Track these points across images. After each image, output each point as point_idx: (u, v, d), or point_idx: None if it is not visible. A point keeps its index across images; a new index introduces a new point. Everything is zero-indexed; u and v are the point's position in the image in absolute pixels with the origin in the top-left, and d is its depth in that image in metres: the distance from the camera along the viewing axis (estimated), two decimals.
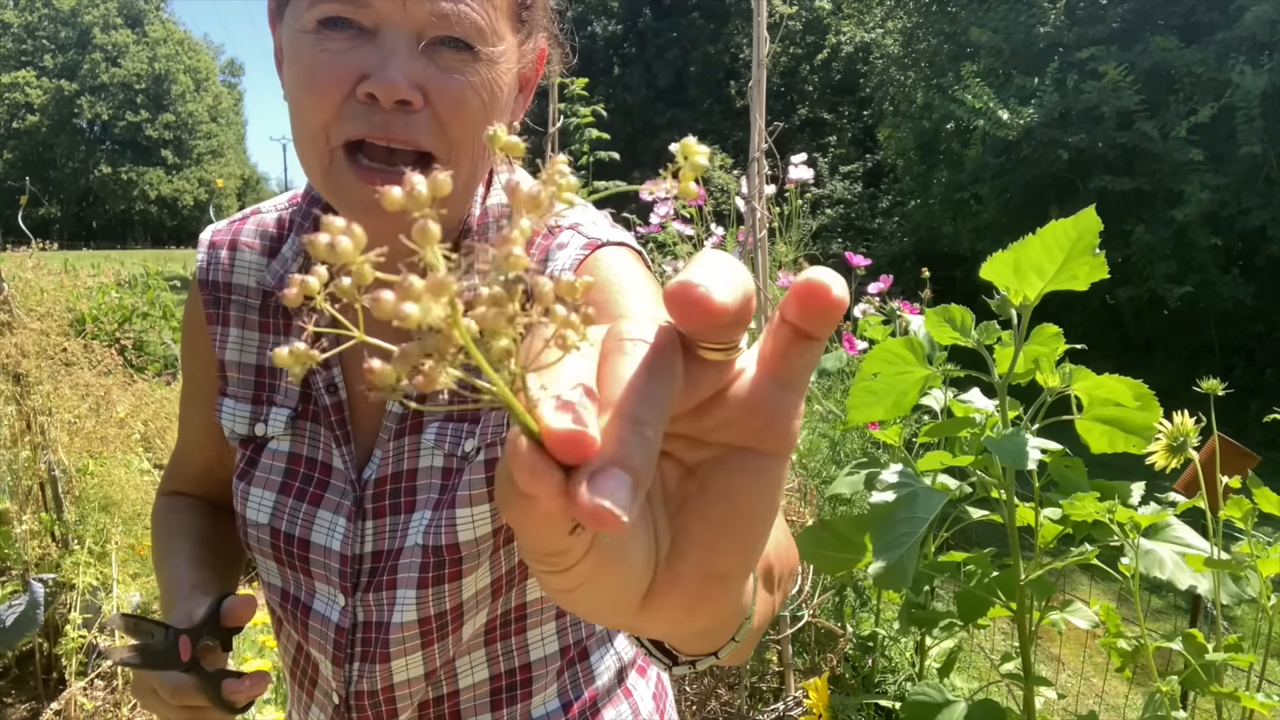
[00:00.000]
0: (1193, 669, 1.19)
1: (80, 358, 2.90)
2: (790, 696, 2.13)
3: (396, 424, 0.77)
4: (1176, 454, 1.21)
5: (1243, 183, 8.37)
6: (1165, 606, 3.65)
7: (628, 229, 3.33)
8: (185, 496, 0.96)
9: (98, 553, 2.63)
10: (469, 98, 0.67)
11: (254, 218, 0.87)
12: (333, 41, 0.65)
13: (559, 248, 0.76)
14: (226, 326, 0.84)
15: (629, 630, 0.31)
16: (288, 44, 0.69)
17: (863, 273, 2.70)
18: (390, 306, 0.22)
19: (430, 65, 0.66)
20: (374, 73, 0.64)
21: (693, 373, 0.27)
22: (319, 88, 0.65)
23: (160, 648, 0.74)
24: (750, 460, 0.28)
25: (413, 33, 0.65)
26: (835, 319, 0.27)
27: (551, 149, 2.86)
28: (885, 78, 14.15)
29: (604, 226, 0.78)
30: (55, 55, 47.89)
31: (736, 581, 0.29)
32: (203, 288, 0.85)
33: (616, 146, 3.75)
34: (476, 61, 0.67)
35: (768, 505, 0.29)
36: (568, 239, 0.76)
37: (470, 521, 0.74)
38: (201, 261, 0.86)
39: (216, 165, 54.57)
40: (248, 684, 0.75)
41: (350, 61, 0.65)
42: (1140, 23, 9.71)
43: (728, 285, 0.25)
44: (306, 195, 0.84)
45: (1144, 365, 9.15)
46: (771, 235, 2.46)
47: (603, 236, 0.75)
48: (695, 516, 0.29)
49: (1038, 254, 0.94)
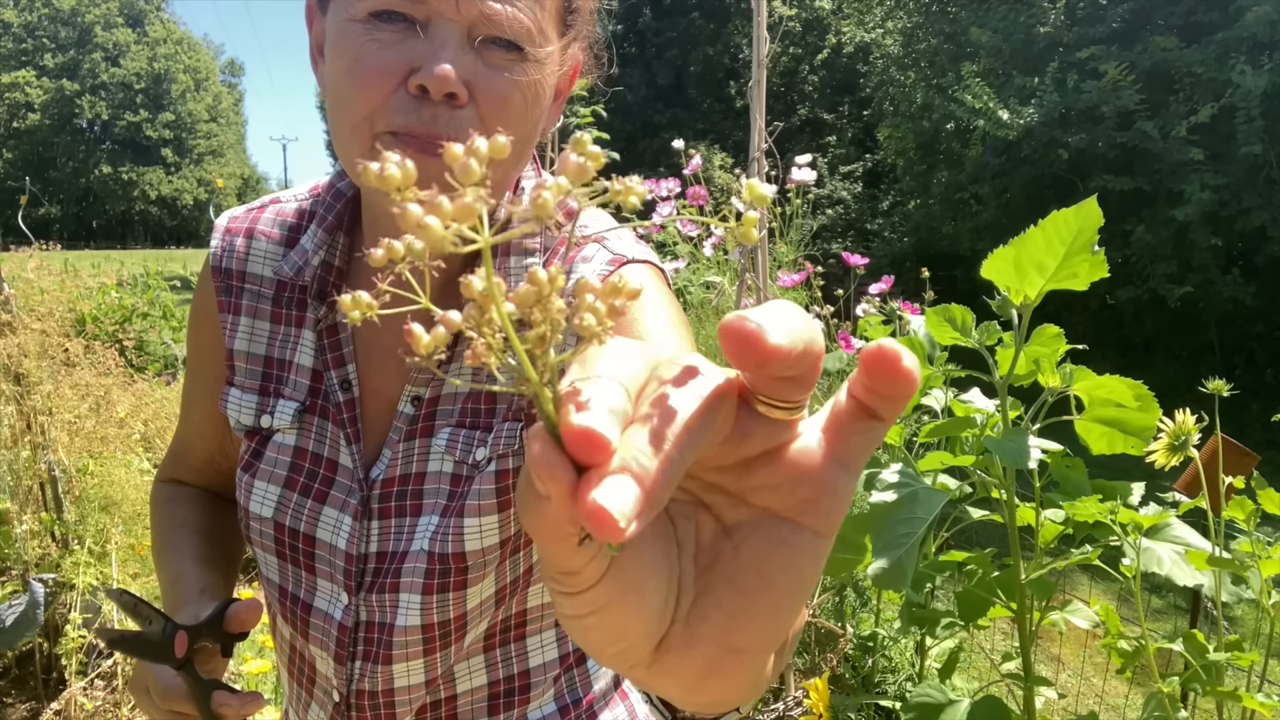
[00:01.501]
0: (1193, 669, 1.19)
1: (81, 358, 2.90)
2: (790, 696, 2.13)
3: (408, 425, 0.76)
4: (1177, 453, 1.21)
5: (1243, 183, 8.36)
6: (1166, 607, 3.65)
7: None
8: (185, 486, 0.95)
9: (98, 553, 2.63)
10: (514, 97, 0.67)
11: (273, 206, 0.85)
12: (383, 33, 0.65)
13: (583, 261, 0.75)
14: (237, 315, 0.83)
15: (639, 684, 0.30)
16: (334, 34, 0.68)
17: (862, 273, 2.70)
18: (414, 218, 0.22)
19: (479, 62, 0.66)
20: (425, 65, 0.64)
21: (745, 424, 0.27)
22: (367, 78, 0.65)
23: (155, 638, 0.72)
24: (790, 532, 0.27)
25: (463, 29, 0.65)
26: (904, 395, 0.26)
27: (551, 149, 2.86)
28: (885, 78, 14.15)
29: (629, 242, 0.78)
30: (55, 55, 47.90)
31: (755, 656, 0.28)
32: (215, 274, 0.84)
33: (616, 146, 3.75)
34: (524, 62, 0.67)
35: (799, 583, 0.27)
36: (592, 253, 0.76)
37: (478, 531, 0.74)
38: (216, 248, 0.85)
39: (216, 165, 54.60)
40: (238, 702, 0.74)
41: (400, 53, 0.65)
42: (1140, 23, 9.71)
43: (786, 331, 0.24)
44: (330, 187, 0.82)
45: (1144, 365, 9.16)
46: (771, 235, 2.46)
47: (628, 253, 0.75)
48: (723, 579, 0.28)
49: (1039, 249, 0.94)
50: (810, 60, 20.29)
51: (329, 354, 0.78)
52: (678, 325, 0.72)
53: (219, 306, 0.84)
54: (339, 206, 0.80)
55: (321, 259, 0.78)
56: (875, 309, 2.47)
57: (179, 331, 6.15)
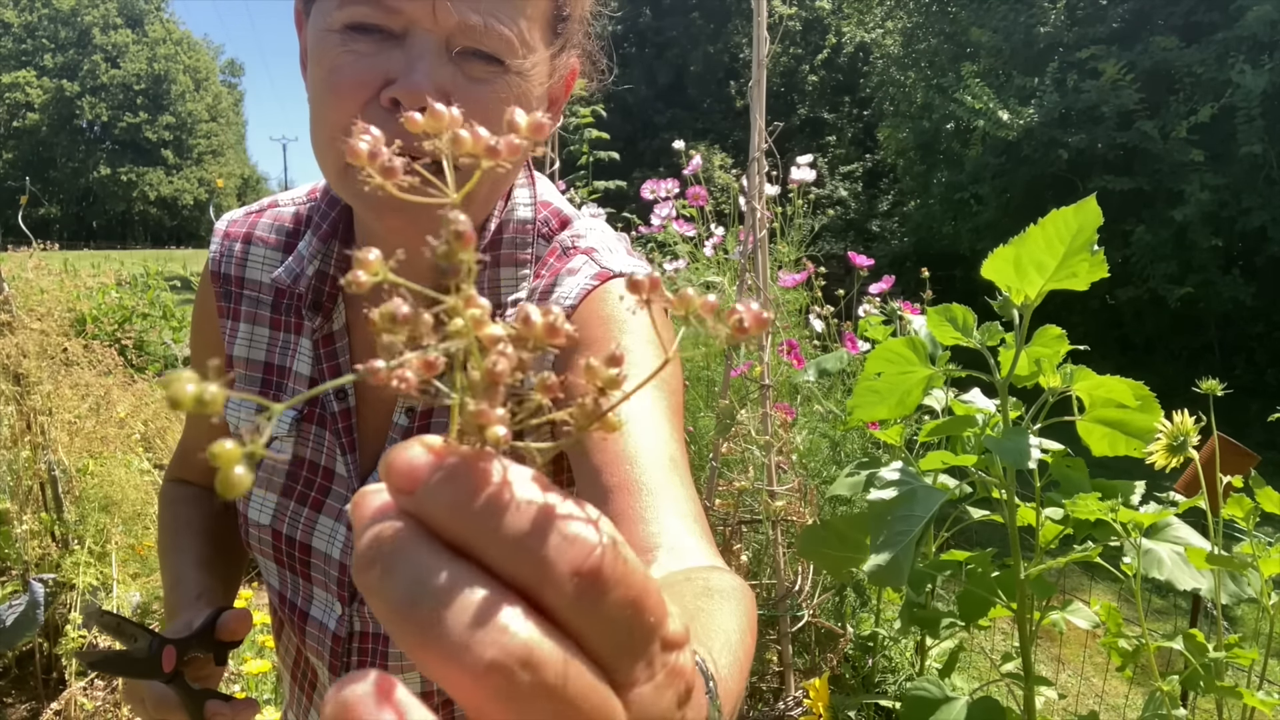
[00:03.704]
0: (1193, 668, 1.19)
1: (80, 358, 2.90)
2: (790, 696, 2.13)
3: (402, 435, 0.76)
4: (1177, 453, 1.21)
5: (1243, 183, 8.36)
6: (1166, 606, 3.65)
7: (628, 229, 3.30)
8: (193, 486, 0.95)
9: (98, 553, 2.63)
10: (495, 111, 0.65)
11: (271, 211, 0.85)
12: (360, 44, 0.63)
13: (569, 273, 0.74)
14: (237, 321, 0.83)
15: None
16: (313, 44, 0.67)
17: (864, 273, 2.70)
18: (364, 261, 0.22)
19: (458, 73, 0.64)
20: (400, 77, 0.62)
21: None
22: (342, 90, 0.63)
23: (142, 655, 0.71)
24: None
25: (441, 39, 0.63)
26: None
27: (551, 148, 2.86)
28: (885, 78, 14.14)
29: (620, 255, 0.76)
30: (55, 55, 47.89)
31: None
32: (215, 279, 0.84)
33: (616, 146, 3.75)
34: (506, 74, 0.65)
35: None
36: (579, 264, 0.74)
37: None
38: (215, 252, 0.84)
39: (216, 165, 54.57)
40: (231, 711, 0.73)
41: (376, 65, 0.63)
42: (1140, 23, 9.71)
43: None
44: (325, 192, 0.82)
45: (1144, 365, 9.15)
46: (772, 235, 2.46)
47: (614, 267, 0.73)
48: None
49: (1039, 248, 0.94)
50: (810, 60, 20.28)
51: (325, 363, 0.78)
52: (659, 344, 0.69)
53: (219, 311, 0.84)
54: (334, 215, 0.79)
55: (316, 268, 0.77)
56: (876, 309, 2.47)
57: (179, 331, 6.15)
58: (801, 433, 2.24)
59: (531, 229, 0.77)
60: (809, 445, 2.29)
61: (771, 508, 2.11)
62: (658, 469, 0.60)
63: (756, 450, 2.13)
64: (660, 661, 0.23)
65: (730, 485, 2.12)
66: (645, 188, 2.88)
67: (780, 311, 2.46)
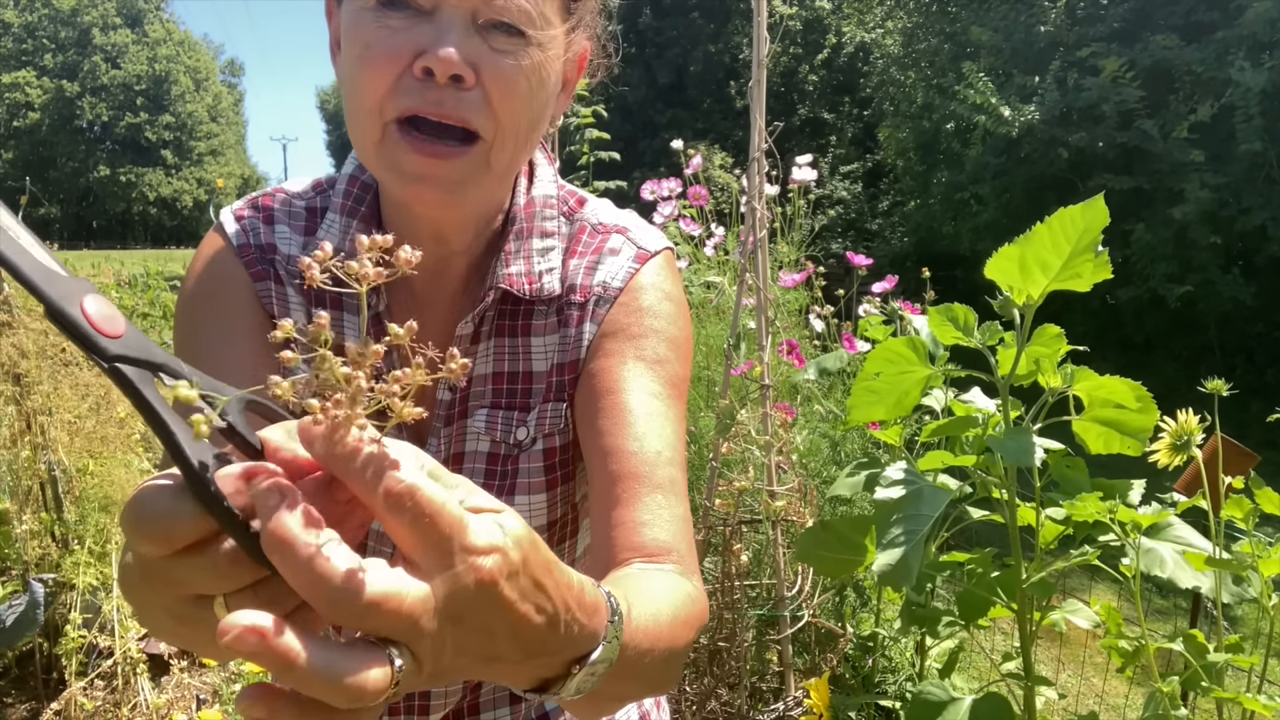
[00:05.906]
0: (1194, 669, 1.18)
1: (80, 357, 2.90)
2: (790, 696, 2.13)
3: (445, 410, 0.80)
4: (1180, 452, 1.21)
5: (1243, 182, 8.35)
6: (1167, 607, 3.65)
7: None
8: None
9: (98, 553, 2.63)
10: (519, 80, 0.70)
11: (280, 196, 0.84)
12: (392, 20, 0.68)
13: (611, 253, 0.81)
14: (282, 285, 0.80)
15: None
16: (347, 23, 0.71)
17: (864, 273, 2.70)
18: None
19: (484, 45, 0.69)
20: (430, 48, 0.67)
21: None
22: (376, 63, 0.68)
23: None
24: None
25: (468, 14, 0.68)
26: None
27: (551, 148, 2.86)
28: (885, 78, 14.13)
29: (649, 231, 0.84)
30: (55, 55, 47.88)
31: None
32: (244, 250, 0.80)
33: (616, 146, 3.75)
34: (528, 46, 0.70)
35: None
36: (619, 245, 0.82)
37: (528, 510, 0.78)
38: (234, 230, 0.81)
39: (216, 165, 54.54)
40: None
41: (408, 38, 0.68)
42: (1140, 22, 9.70)
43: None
44: (353, 180, 0.82)
45: (1144, 365, 9.15)
46: (772, 235, 2.45)
47: (650, 246, 0.83)
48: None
49: (1044, 247, 0.93)
50: (810, 60, 20.27)
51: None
52: (679, 348, 0.80)
53: (255, 277, 0.80)
54: (368, 198, 0.81)
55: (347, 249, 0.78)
56: (876, 309, 2.47)
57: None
58: (801, 433, 2.24)
59: (555, 204, 0.84)
60: (809, 445, 2.29)
61: (771, 508, 2.11)
62: (667, 466, 0.72)
63: (756, 450, 2.13)
64: (459, 559, 0.38)
65: (730, 485, 2.12)
66: (645, 188, 2.88)
67: (780, 311, 2.46)
